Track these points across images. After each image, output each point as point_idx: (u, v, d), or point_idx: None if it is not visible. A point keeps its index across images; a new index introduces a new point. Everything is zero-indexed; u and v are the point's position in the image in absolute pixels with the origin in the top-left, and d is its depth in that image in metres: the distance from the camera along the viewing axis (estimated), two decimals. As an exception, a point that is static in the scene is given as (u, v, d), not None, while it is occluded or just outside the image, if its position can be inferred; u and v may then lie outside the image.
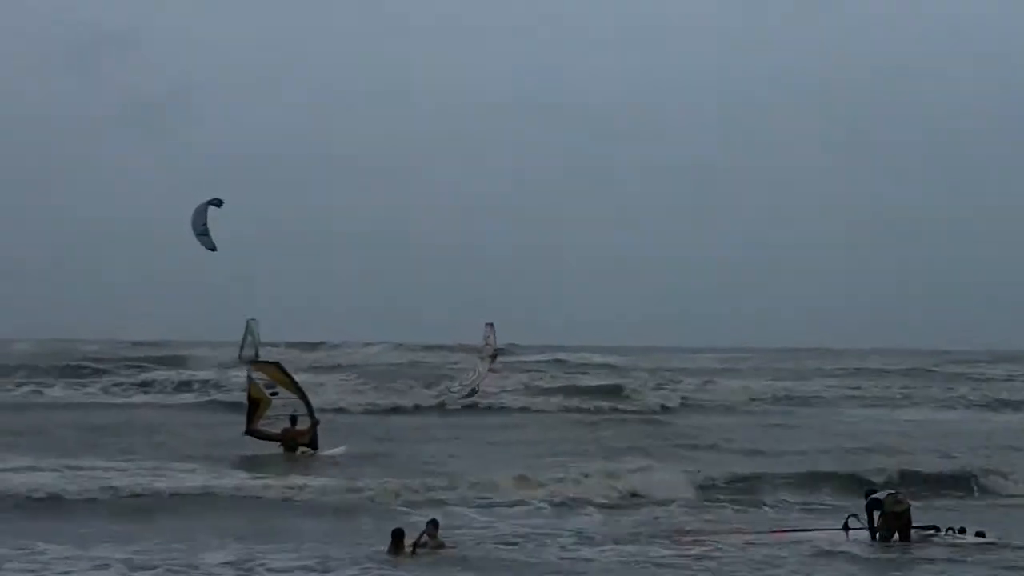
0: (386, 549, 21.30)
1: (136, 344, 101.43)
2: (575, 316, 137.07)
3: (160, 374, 65.64)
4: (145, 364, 73.23)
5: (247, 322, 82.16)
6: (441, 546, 21.70)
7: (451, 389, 60.69)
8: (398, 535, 21.39)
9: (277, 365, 37.58)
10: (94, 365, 70.90)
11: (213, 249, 38.27)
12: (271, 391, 36.34)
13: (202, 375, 64.93)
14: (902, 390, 65.89)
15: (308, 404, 36.56)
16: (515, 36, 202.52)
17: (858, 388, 67.52)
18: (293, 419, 35.98)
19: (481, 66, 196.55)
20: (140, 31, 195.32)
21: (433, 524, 21.94)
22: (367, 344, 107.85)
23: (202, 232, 37.97)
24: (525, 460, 33.19)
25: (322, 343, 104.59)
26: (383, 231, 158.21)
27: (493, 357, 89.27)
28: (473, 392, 58.82)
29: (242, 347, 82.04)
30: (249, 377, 36.89)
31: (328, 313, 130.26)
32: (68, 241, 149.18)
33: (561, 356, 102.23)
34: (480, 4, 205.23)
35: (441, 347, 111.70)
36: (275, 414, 35.96)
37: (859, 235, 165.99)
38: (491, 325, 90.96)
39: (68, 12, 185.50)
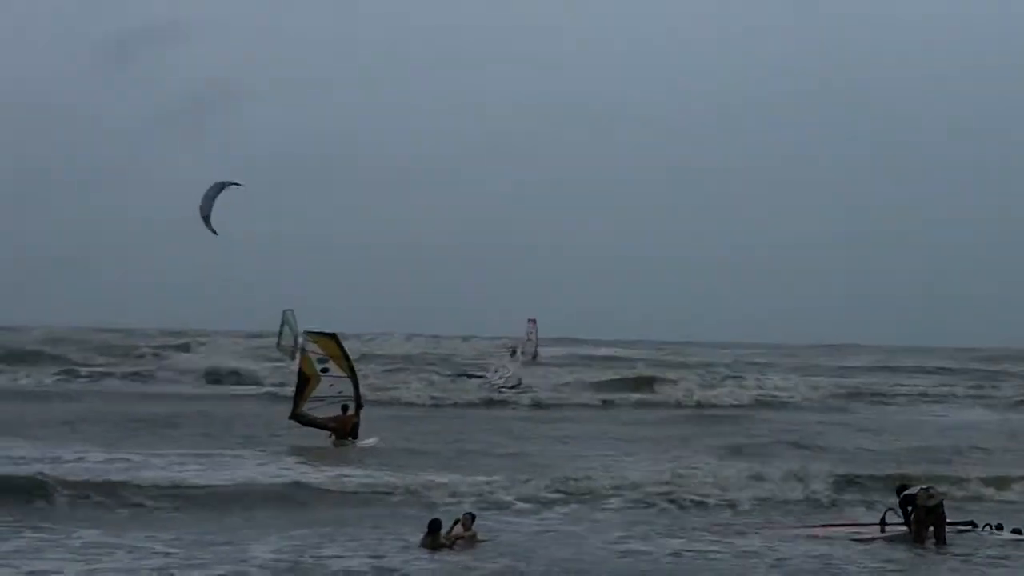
0: (420, 541, 21.33)
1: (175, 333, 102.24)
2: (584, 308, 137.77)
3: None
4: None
5: (283, 313, 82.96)
6: (475, 538, 21.58)
7: (492, 382, 60.83)
8: (435, 526, 21.34)
9: (334, 337, 36.49)
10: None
11: (214, 233, 39.72)
12: (322, 367, 35.82)
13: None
14: (971, 389, 66.03)
15: (356, 385, 35.89)
16: (538, 38, 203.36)
17: (915, 385, 68.05)
18: (344, 408, 35.46)
19: (506, 72, 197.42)
20: (183, 26, 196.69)
21: (470, 516, 21.99)
22: (409, 336, 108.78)
23: (205, 218, 39.63)
24: (634, 456, 33.30)
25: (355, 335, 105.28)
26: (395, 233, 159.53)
27: (535, 354, 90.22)
28: (515, 385, 58.71)
29: (280, 336, 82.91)
30: (303, 349, 36.45)
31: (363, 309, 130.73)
32: (118, 237, 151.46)
33: (584, 349, 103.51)
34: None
35: (473, 338, 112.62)
36: (321, 395, 35.47)
37: (862, 235, 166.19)
38: (533, 321, 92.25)
39: (110, 9, 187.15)
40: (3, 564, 19.16)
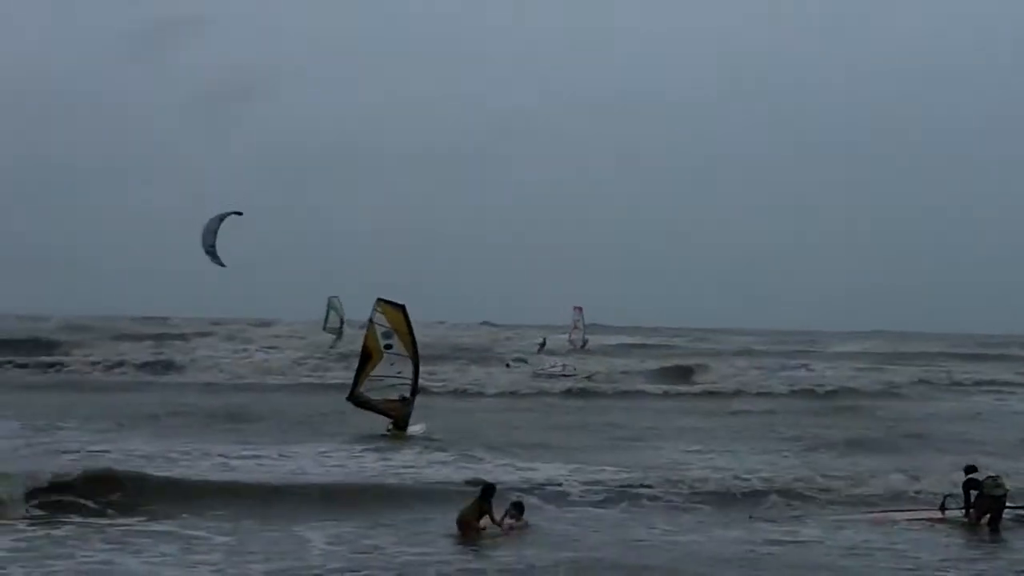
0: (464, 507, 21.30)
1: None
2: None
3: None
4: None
5: (329, 299, 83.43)
6: (525, 527, 21.45)
7: (542, 369, 60.60)
8: (488, 492, 21.19)
9: (403, 309, 35.44)
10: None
11: (222, 266, 38.30)
12: (386, 342, 35.17)
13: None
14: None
15: (416, 367, 35.17)
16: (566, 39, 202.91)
17: (977, 373, 67.39)
18: (403, 398, 34.99)
19: (545, 68, 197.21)
20: (211, 16, 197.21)
21: (516, 507, 21.72)
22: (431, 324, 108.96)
23: (209, 251, 38.05)
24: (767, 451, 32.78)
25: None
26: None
27: (584, 342, 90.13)
28: (569, 374, 58.34)
29: (326, 320, 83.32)
30: (370, 320, 35.49)
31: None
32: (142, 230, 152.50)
33: (615, 337, 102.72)
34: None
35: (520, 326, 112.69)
36: (380, 375, 34.92)
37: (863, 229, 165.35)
38: (579, 308, 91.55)
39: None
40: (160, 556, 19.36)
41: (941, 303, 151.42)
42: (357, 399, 35.38)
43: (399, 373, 35.07)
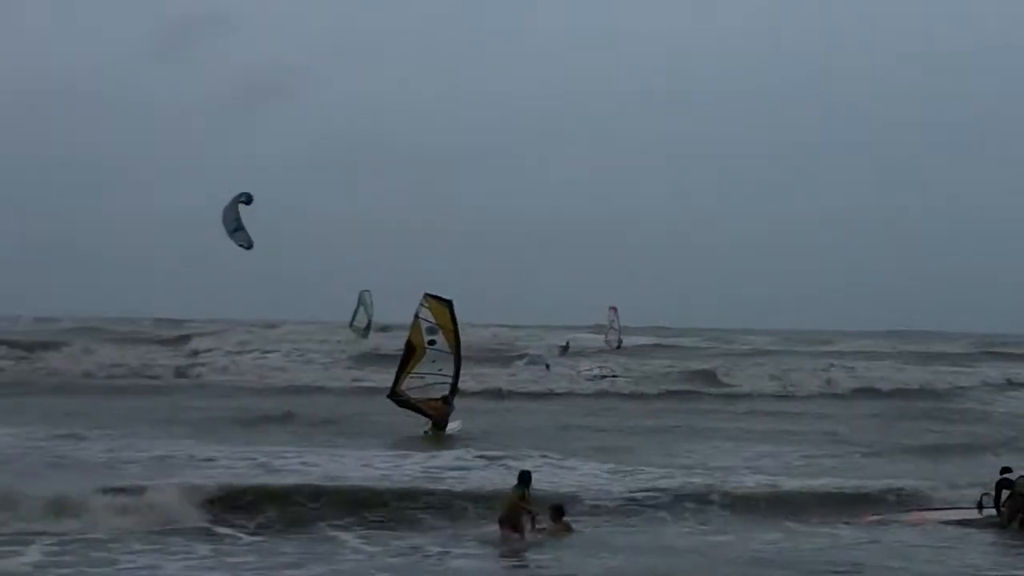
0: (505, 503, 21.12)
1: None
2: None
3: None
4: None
5: (360, 293, 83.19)
6: (568, 529, 21.26)
7: (581, 370, 60.01)
8: (525, 478, 21.02)
9: (449, 305, 35.19)
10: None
11: (249, 246, 36.00)
12: (430, 338, 34.89)
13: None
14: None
15: (458, 364, 34.87)
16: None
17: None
18: (444, 399, 34.76)
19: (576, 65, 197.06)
20: (236, 14, 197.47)
21: (556, 510, 21.36)
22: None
23: (235, 229, 35.61)
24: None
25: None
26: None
27: (619, 342, 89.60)
28: (607, 376, 57.60)
29: (354, 317, 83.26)
30: (416, 316, 35.16)
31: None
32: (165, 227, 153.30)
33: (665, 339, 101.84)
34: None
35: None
36: (421, 372, 34.68)
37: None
38: (614, 309, 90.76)
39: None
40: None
41: (940, 303, 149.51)
42: (398, 397, 35.12)
43: (440, 371, 34.84)
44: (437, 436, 34.18)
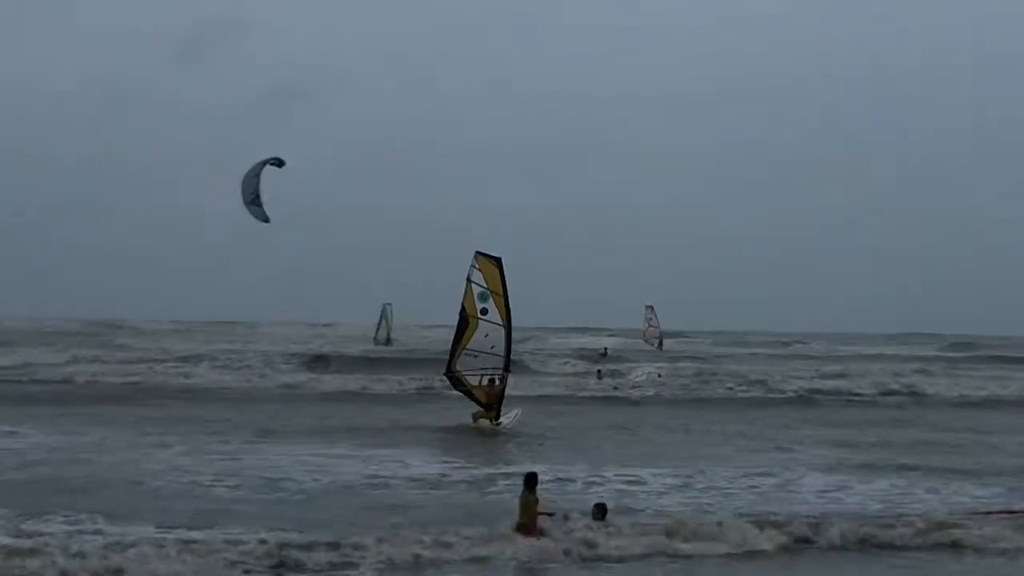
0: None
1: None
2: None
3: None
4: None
5: (383, 307, 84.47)
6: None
7: (632, 377, 57.96)
8: (531, 481, 19.82)
9: (499, 263, 34.61)
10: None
11: (266, 220, 33.98)
12: (482, 306, 34.27)
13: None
14: None
15: (509, 336, 34.20)
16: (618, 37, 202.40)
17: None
18: (492, 381, 34.30)
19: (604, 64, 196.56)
20: (264, 17, 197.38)
21: (599, 508, 20.68)
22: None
23: (252, 202, 33.54)
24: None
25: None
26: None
27: (660, 341, 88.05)
28: (659, 381, 55.74)
29: (377, 331, 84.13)
30: (468, 279, 34.55)
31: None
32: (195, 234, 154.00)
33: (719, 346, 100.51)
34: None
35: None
36: (475, 349, 34.20)
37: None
38: (651, 307, 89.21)
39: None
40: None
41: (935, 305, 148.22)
42: (454, 376, 34.75)
43: (492, 348, 34.30)
44: (483, 416, 33.92)
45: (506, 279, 34.69)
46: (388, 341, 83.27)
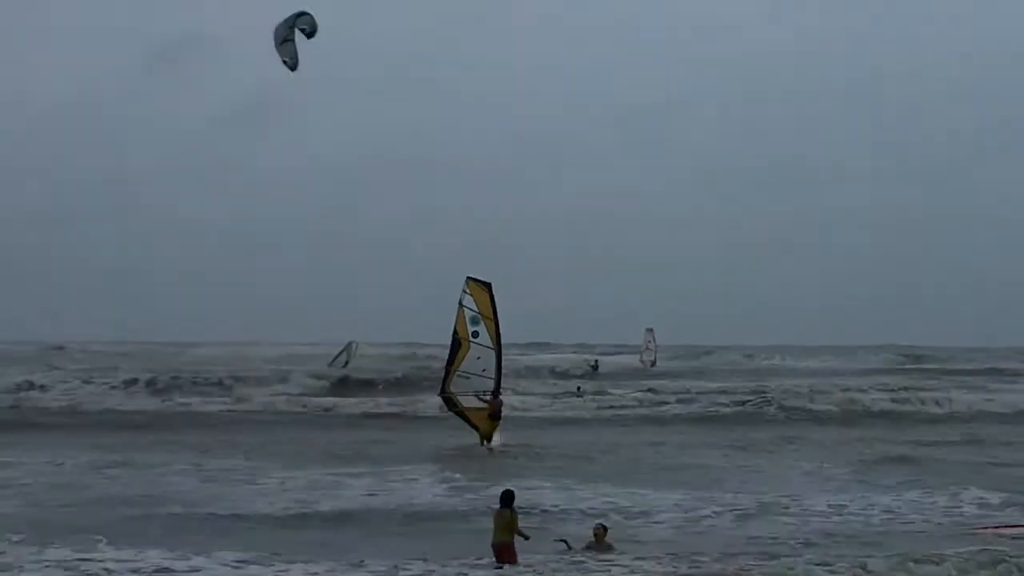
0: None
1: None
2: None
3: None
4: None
5: (349, 343, 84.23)
6: (610, 548, 20.37)
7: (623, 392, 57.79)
8: (507, 499, 19.25)
9: (488, 288, 36.10)
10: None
11: (294, 66, 30.28)
12: (474, 329, 35.43)
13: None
14: None
15: (499, 360, 35.39)
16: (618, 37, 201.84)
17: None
18: (483, 400, 35.20)
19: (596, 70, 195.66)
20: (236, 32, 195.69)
21: (601, 527, 20.79)
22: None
23: (284, 40, 30.19)
24: None
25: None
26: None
27: (653, 362, 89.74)
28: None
29: (335, 359, 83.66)
30: (460, 303, 35.83)
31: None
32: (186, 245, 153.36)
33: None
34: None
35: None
36: (467, 371, 35.14)
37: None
38: (651, 330, 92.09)
39: (161, 13, 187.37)
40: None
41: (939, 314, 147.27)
42: (449, 397, 35.78)
43: (483, 371, 35.49)
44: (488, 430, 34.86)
45: (496, 304, 35.90)
46: (346, 365, 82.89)
